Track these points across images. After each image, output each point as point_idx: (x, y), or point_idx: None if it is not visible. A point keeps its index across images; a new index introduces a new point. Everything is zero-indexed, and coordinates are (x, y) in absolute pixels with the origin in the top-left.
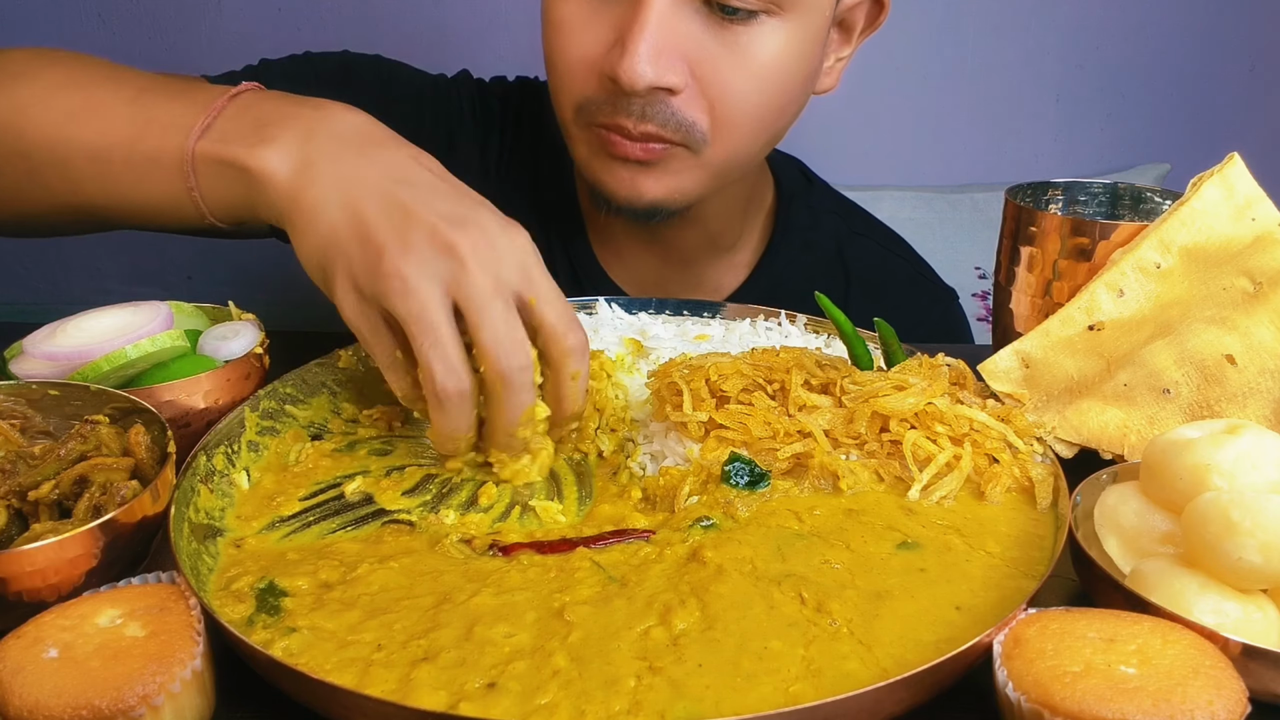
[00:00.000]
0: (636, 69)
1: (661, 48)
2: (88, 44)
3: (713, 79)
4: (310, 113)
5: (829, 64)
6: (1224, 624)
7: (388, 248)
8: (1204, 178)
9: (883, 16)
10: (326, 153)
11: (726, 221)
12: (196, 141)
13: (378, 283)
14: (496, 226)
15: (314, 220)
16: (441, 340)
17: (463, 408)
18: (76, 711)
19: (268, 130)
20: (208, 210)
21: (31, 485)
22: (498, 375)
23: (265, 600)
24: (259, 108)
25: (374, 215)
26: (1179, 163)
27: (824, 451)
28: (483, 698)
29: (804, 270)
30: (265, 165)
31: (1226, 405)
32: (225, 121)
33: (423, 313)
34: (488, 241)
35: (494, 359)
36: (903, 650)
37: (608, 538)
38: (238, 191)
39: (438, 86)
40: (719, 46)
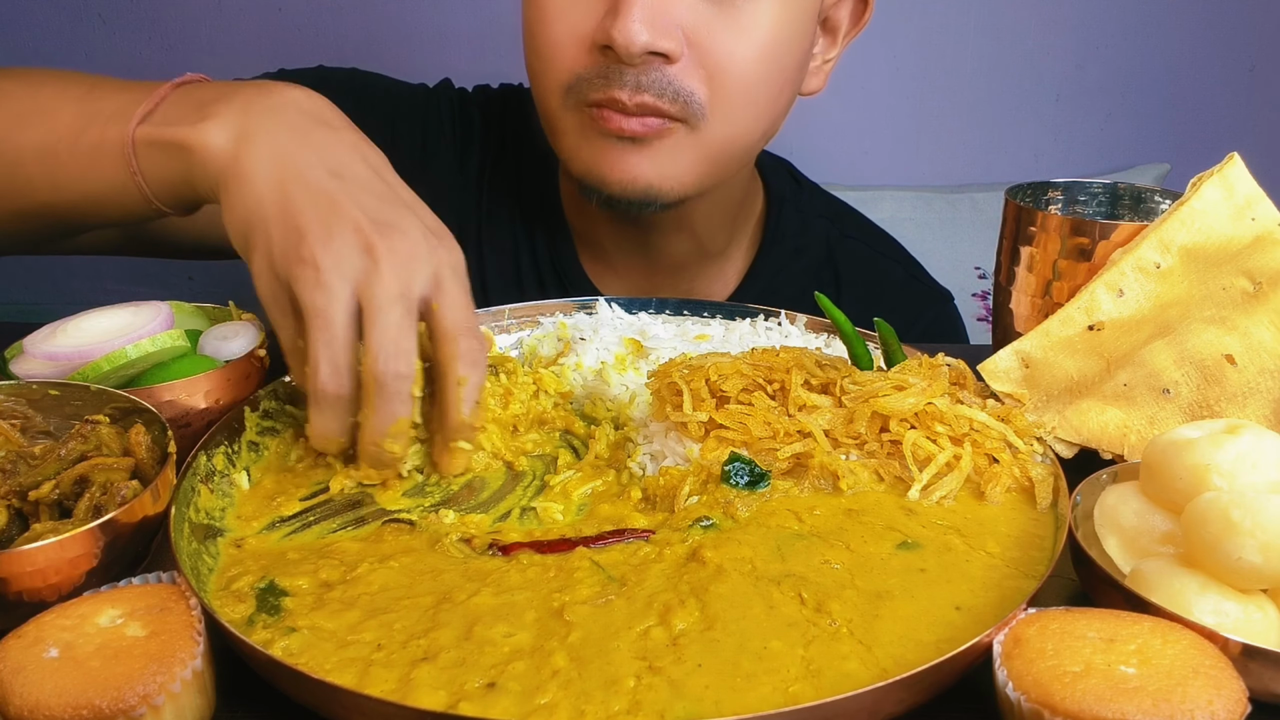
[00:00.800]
0: (631, 29)
1: (656, 12)
2: (88, 44)
3: (710, 47)
4: (251, 89)
5: (815, 64)
6: (1224, 624)
7: (308, 235)
8: (1204, 178)
9: (866, 16)
10: (264, 126)
11: (715, 228)
12: (137, 126)
13: (291, 268)
14: (420, 233)
15: (243, 189)
16: (334, 339)
17: (338, 410)
18: (77, 711)
19: (207, 109)
20: (151, 194)
21: (32, 485)
22: (374, 378)
23: (265, 600)
24: (201, 92)
25: (302, 200)
26: (1179, 163)
27: (824, 451)
28: (482, 697)
29: (795, 276)
30: (203, 138)
31: (1226, 405)
32: (168, 107)
33: (324, 306)
34: (408, 247)
35: (375, 360)
36: (902, 650)
37: (607, 537)
38: (178, 170)
39: (415, 97)
40: (716, 15)
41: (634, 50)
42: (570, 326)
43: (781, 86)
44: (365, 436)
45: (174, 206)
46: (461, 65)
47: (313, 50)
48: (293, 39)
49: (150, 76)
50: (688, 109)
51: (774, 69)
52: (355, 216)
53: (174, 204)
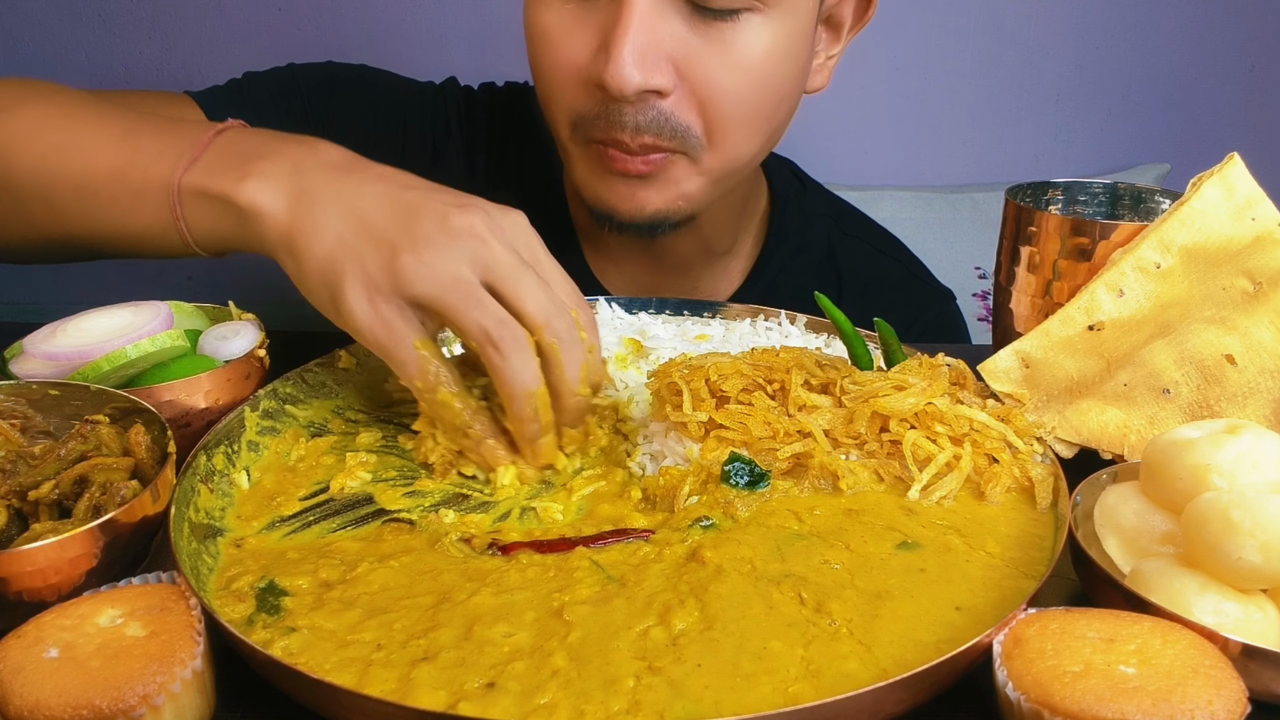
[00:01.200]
0: (623, 73)
1: (645, 49)
2: (89, 45)
3: (701, 79)
4: (296, 147)
5: (819, 62)
6: (1224, 624)
7: (401, 243)
8: (1204, 178)
9: (870, 11)
10: (318, 180)
11: (722, 228)
12: (183, 175)
13: (398, 274)
14: (497, 210)
15: (315, 239)
16: (484, 300)
17: (526, 356)
18: (77, 711)
19: (254, 165)
20: (192, 240)
21: (31, 485)
22: (554, 339)
23: (265, 599)
24: (245, 142)
25: (381, 218)
26: (1179, 163)
27: (824, 451)
28: (482, 697)
29: (797, 274)
30: (254, 198)
31: (1226, 405)
32: (212, 155)
33: (457, 282)
34: (496, 221)
35: (546, 324)
36: (902, 650)
37: (607, 537)
38: (226, 224)
39: (423, 95)
40: (705, 45)
41: (627, 93)
42: None
43: (777, 104)
44: (564, 393)
45: (213, 253)
46: (461, 65)
47: (312, 50)
48: (293, 39)
49: (150, 76)
50: (685, 142)
51: (767, 91)
52: (438, 208)
53: (215, 251)
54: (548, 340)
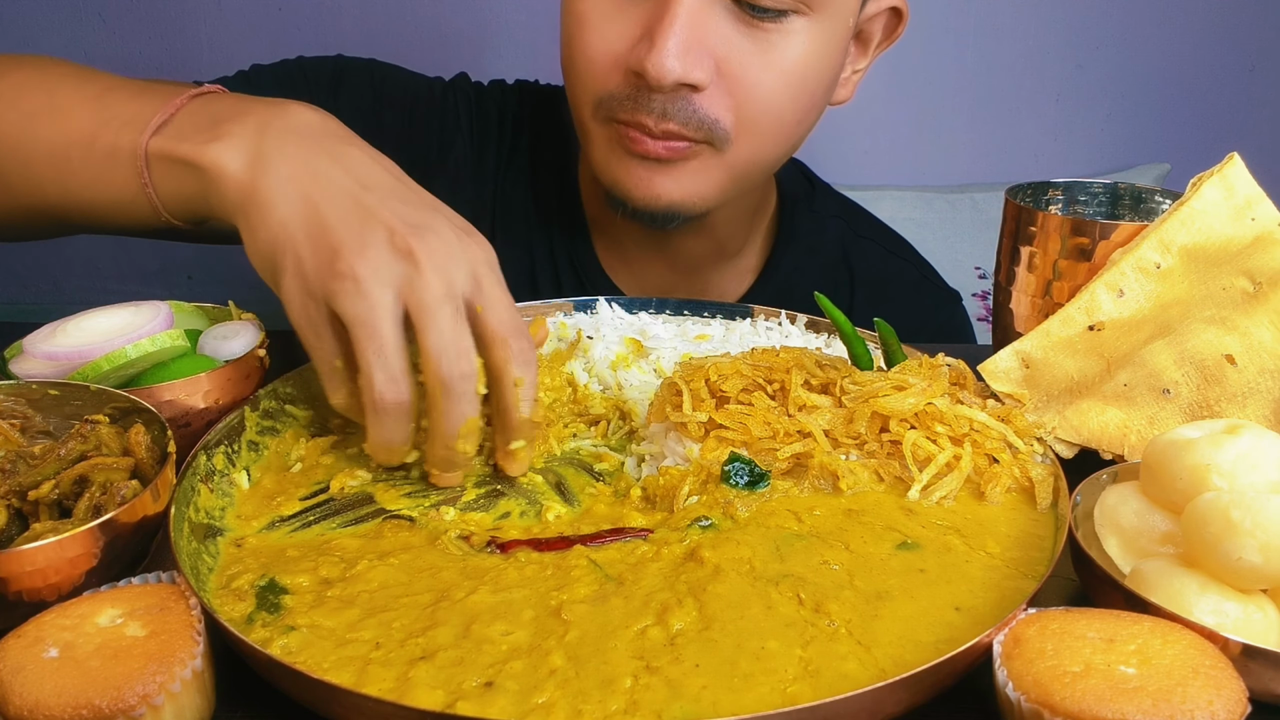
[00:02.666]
0: (665, 64)
1: (690, 44)
2: (88, 44)
3: (740, 77)
4: (265, 109)
5: (845, 75)
6: (1224, 624)
7: (344, 247)
8: (1204, 178)
9: (900, 28)
10: (280, 147)
11: (734, 228)
12: (150, 137)
13: (329, 283)
14: (453, 233)
15: (267, 213)
16: (385, 348)
17: (400, 419)
18: (77, 711)
19: (222, 127)
20: (162, 206)
21: (31, 485)
22: (439, 381)
23: (265, 598)
24: (215, 105)
25: (331, 213)
26: (1179, 163)
27: (824, 451)
28: (480, 697)
29: (809, 275)
30: (218, 160)
31: (1226, 405)
32: (182, 118)
33: (370, 316)
34: (444, 247)
35: (436, 365)
36: (902, 651)
37: (605, 536)
38: (191, 187)
39: (433, 90)
40: (748, 44)
41: (665, 84)
42: (571, 326)
43: (808, 109)
44: (436, 441)
45: (185, 221)
46: (461, 64)
47: (312, 51)
48: (293, 39)
49: (150, 76)
50: (712, 134)
51: (801, 95)
52: (388, 221)
53: (185, 218)
54: (431, 382)
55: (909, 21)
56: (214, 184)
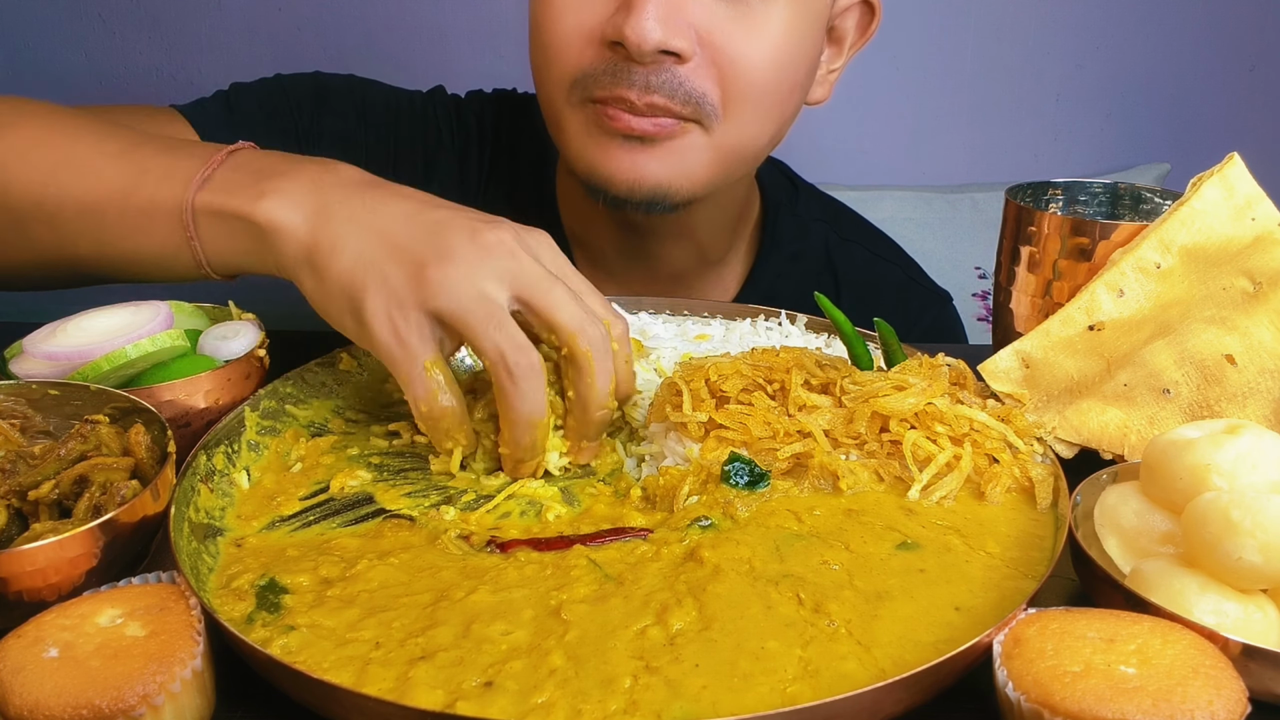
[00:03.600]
0: (644, 26)
1: (670, 9)
2: (88, 44)
3: (724, 47)
4: (315, 166)
5: (822, 73)
6: (1224, 624)
7: (429, 257)
8: (1204, 178)
9: (873, 26)
10: (338, 196)
11: (716, 236)
12: (196, 193)
13: (423, 288)
14: (524, 228)
15: (338, 255)
16: (505, 322)
17: (537, 385)
18: (77, 711)
19: (271, 182)
20: (205, 261)
21: (31, 485)
22: (588, 348)
23: (265, 597)
24: (260, 161)
25: (406, 234)
26: (1179, 163)
27: (824, 451)
28: (480, 696)
29: (793, 281)
30: (273, 215)
31: (1226, 405)
32: (226, 173)
33: (481, 300)
34: (524, 238)
35: (580, 332)
36: (901, 651)
37: (604, 536)
38: (242, 244)
39: (413, 104)
40: (730, 16)
41: (646, 49)
42: None
43: (791, 90)
44: (591, 405)
45: (226, 274)
46: (461, 65)
47: (312, 50)
48: (293, 39)
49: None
50: (700, 110)
51: (785, 72)
52: (466, 224)
53: (228, 273)
54: (582, 348)
55: (910, 22)
56: (273, 239)
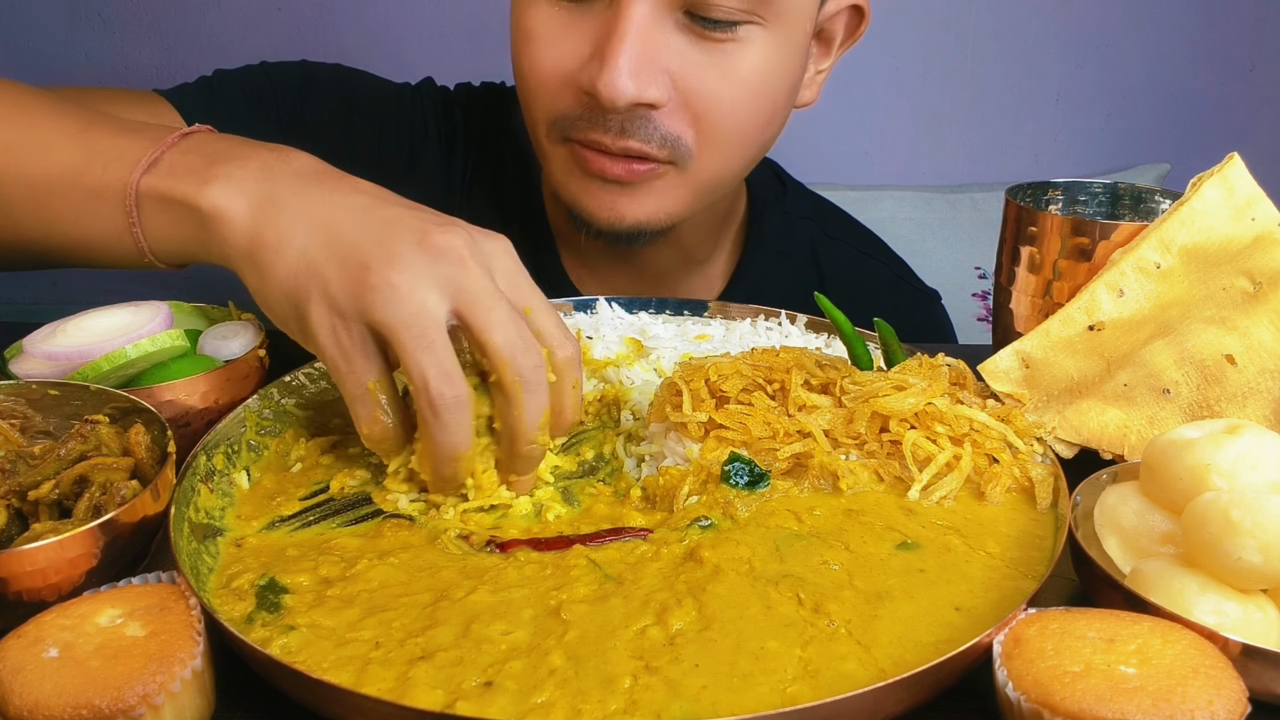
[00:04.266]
0: (617, 84)
1: (642, 61)
2: (88, 44)
3: (698, 91)
4: (266, 152)
5: (809, 76)
6: (1224, 624)
7: (373, 260)
8: (1204, 178)
9: (863, 27)
10: (288, 187)
11: (701, 237)
12: (141, 176)
13: (363, 296)
14: (481, 232)
15: (281, 252)
16: (435, 344)
17: (461, 418)
18: (77, 711)
19: (219, 167)
20: (148, 248)
21: (31, 485)
22: (517, 377)
23: (265, 597)
24: (211, 146)
25: (353, 232)
26: (1179, 163)
27: (824, 451)
28: (479, 696)
29: (779, 280)
30: (218, 203)
31: (1226, 405)
32: (174, 156)
33: (416, 317)
34: (478, 244)
35: (510, 360)
36: (901, 651)
37: (604, 536)
38: (186, 231)
39: (400, 96)
40: (702, 58)
41: (620, 104)
42: (571, 327)
43: (771, 118)
44: (519, 437)
45: (170, 263)
46: (460, 63)
47: (312, 50)
48: (292, 39)
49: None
50: (676, 152)
51: (763, 105)
52: (417, 225)
53: (171, 261)
54: (509, 378)
55: (910, 21)
56: (215, 228)
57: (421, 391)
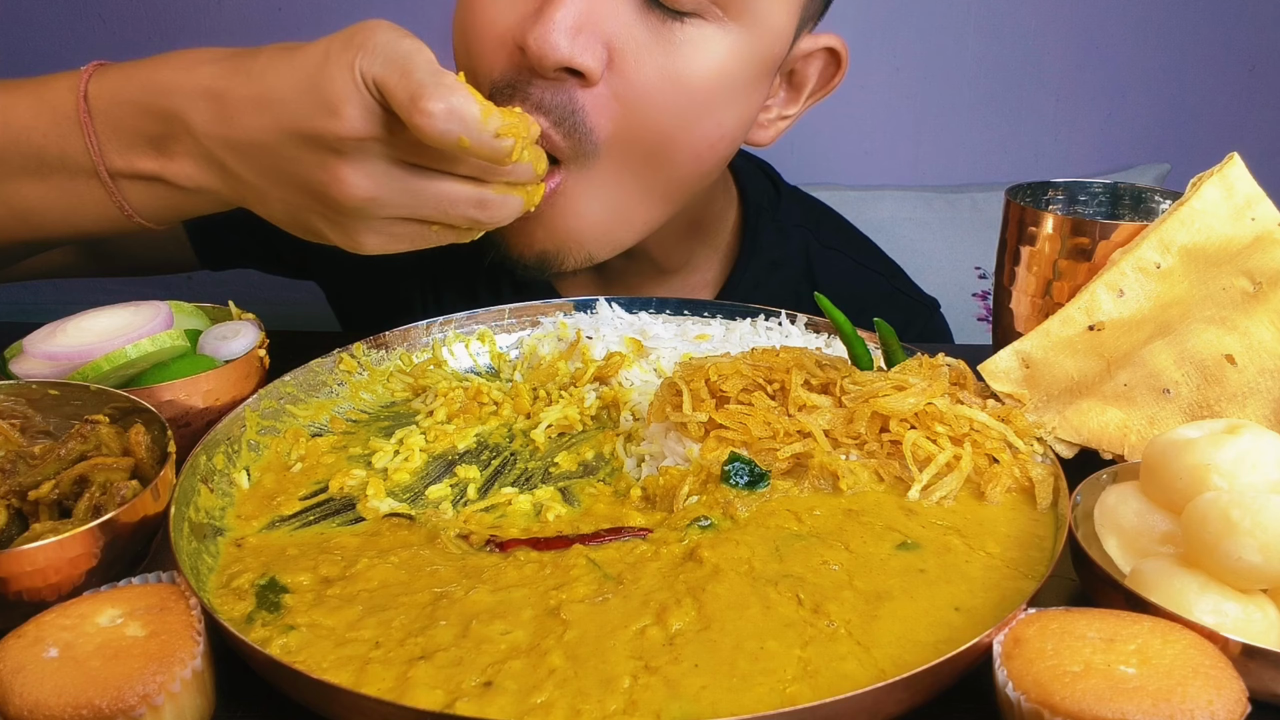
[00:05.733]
0: (549, 38)
1: (582, 22)
2: (88, 44)
3: (633, 76)
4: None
5: (770, 116)
6: (1224, 624)
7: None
8: (1204, 178)
9: (837, 78)
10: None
11: (668, 247)
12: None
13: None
14: (354, 29)
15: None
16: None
17: (455, 84)
18: (77, 711)
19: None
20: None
21: (31, 485)
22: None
23: (265, 597)
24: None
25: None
26: (1179, 163)
27: (824, 451)
28: (479, 696)
29: (772, 290)
30: (187, 177)
31: (1226, 405)
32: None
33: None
34: (373, 33)
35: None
36: (901, 651)
37: (603, 535)
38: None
39: None
40: (647, 38)
41: (547, 63)
42: (571, 326)
43: (714, 139)
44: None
45: (160, 223)
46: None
47: None
48: (292, 39)
49: None
50: (580, 146)
51: (703, 114)
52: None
53: (164, 223)
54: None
55: (911, 21)
56: (198, 198)
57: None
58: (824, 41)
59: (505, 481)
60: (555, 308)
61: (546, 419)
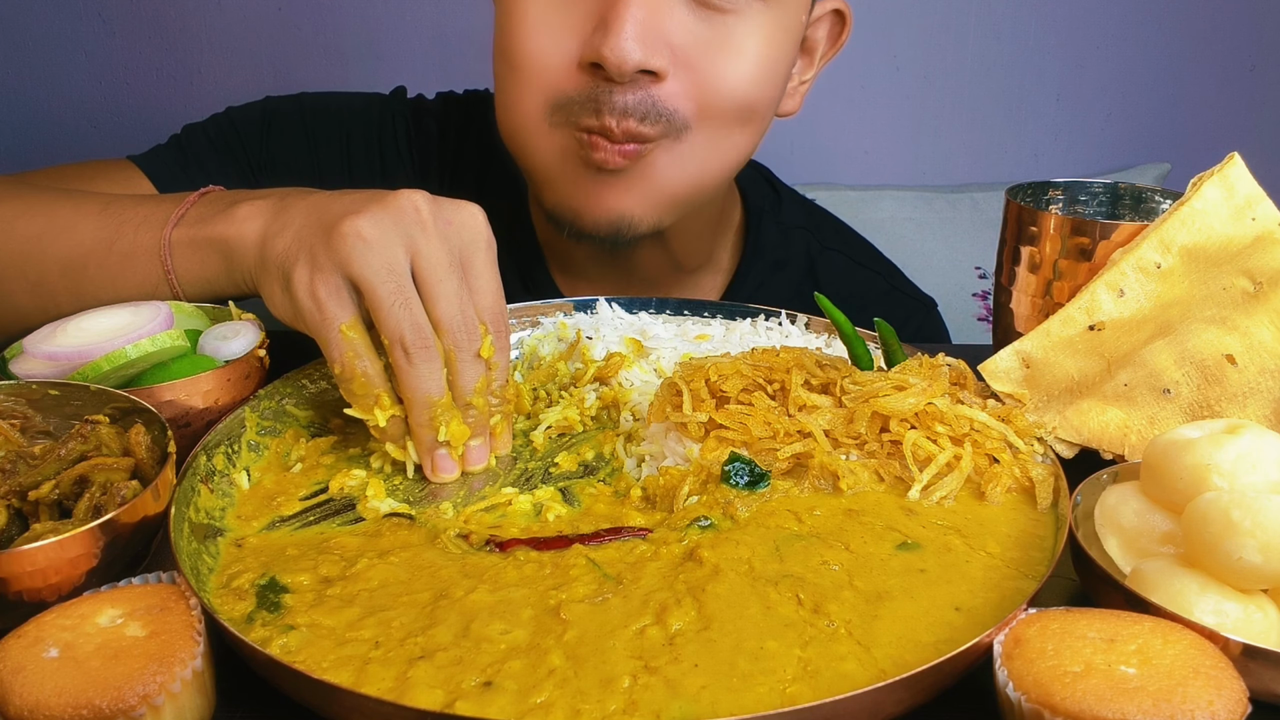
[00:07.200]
0: (623, 47)
1: (648, 27)
2: (89, 45)
3: (700, 66)
4: (284, 190)
5: (793, 84)
6: (1224, 624)
7: (346, 214)
8: (1204, 178)
9: (844, 35)
10: (296, 196)
11: (692, 243)
12: (173, 229)
13: (338, 247)
14: (449, 201)
15: (281, 237)
16: (411, 302)
17: (434, 366)
18: (77, 711)
19: (241, 208)
20: (181, 290)
21: (31, 485)
22: (454, 347)
23: (266, 597)
24: (229, 195)
25: (338, 205)
26: (1179, 163)
27: (824, 451)
28: (479, 696)
29: (776, 290)
30: (240, 229)
31: (1226, 405)
32: (199, 209)
33: (391, 273)
34: (443, 212)
35: (449, 332)
36: (901, 651)
37: (603, 535)
38: (214, 265)
39: (368, 111)
40: (704, 31)
41: (626, 69)
42: (571, 326)
43: (766, 107)
44: (458, 396)
45: (199, 298)
46: (461, 63)
47: (311, 50)
48: (292, 39)
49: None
50: (670, 125)
51: (761, 90)
52: (385, 192)
53: (201, 296)
54: (447, 346)
55: (910, 21)
56: (237, 250)
57: (397, 342)
58: (831, 4)
59: (505, 481)
60: (555, 308)
61: (547, 419)
